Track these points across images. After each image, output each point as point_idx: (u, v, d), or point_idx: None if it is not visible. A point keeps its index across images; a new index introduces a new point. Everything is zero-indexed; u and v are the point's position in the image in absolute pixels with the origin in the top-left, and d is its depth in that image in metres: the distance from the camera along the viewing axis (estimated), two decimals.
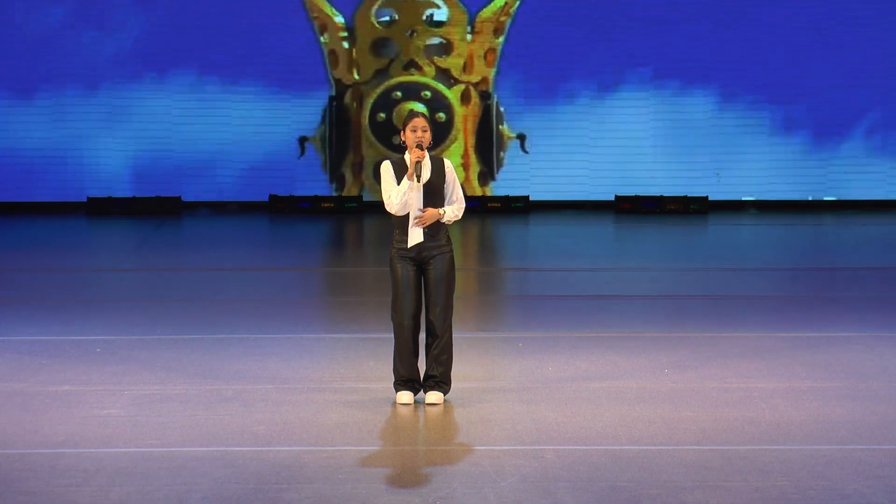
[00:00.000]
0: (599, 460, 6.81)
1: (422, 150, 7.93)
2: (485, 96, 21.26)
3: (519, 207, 22.81)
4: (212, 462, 6.80)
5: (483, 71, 21.18)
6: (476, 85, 21.17)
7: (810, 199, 23.97)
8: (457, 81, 21.04)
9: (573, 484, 6.40)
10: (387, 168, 8.07)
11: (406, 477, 6.66)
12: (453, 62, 20.96)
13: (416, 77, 20.91)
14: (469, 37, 21.02)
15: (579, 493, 6.24)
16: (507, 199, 22.91)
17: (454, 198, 8.12)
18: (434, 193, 8.03)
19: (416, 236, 8.01)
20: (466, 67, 21.01)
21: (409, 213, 8.01)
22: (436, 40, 20.99)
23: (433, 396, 8.10)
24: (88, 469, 6.63)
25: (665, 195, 23.30)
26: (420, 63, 20.88)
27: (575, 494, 6.23)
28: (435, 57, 20.90)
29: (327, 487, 6.34)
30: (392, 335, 8.11)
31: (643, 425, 7.56)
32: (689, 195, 23.38)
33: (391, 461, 7.03)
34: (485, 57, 21.12)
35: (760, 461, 6.79)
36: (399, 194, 7.95)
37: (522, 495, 6.22)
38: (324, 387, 8.59)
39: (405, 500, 6.23)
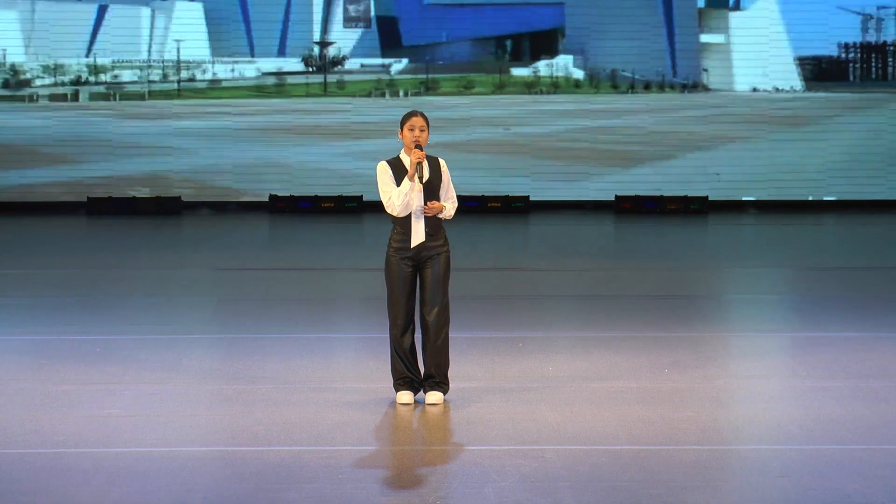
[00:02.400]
0: (600, 460, 6.81)
1: (421, 149, 7.93)
2: None
3: (519, 207, 22.84)
4: (212, 462, 6.80)
5: None
6: None
7: (810, 198, 23.98)
8: None
9: (573, 484, 6.40)
10: (384, 168, 8.06)
11: (406, 477, 6.66)
12: None
13: None
14: None
15: (580, 493, 6.25)
16: (507, 199, 22.93)
17: (448, 196, 8.14)
18: (432, 193, 8.03)
19: (418, 236, 8.01)
20: None
21: (410, 214, 8.01)
22: None
23: (433, 396, 8.10)
24: (88, 469, 6.63)
25: (665, 195, 23.32)
26: None
27: (575, 494, 6.23)
28: None
29: (327, 487, 6.34)
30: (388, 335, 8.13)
31: (643, 425, 7.56)
32: (688, 195, 23.41)
33: (391, 461, 7.03)
34: None
35: (760, 461, 6.79)
36: (400, 195, 7.95)
37: (523, 495, 6.22)
38: (324, 387, 8.59)
39: (405, 499, 6.23)
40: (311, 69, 21.99)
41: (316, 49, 21.83)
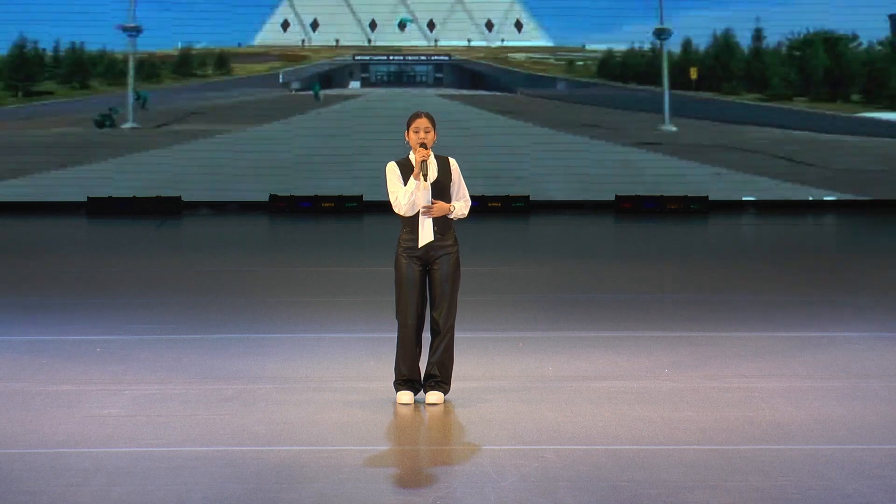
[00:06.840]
0: (599, 460, 6.81)
1: (426, 149, 7.93)
2: None
3: (519, 207, 22.86)
4: (212, 462, 6.80)
5: None
6: None
7: (810, 198, 23.99)
8: None
9: (573, 484, 6.40)
10: (392, 169, 8.07)
11: (406, 477, 6.66)
12: None
13: None
14: None
15: (580, 493, 6.24)
16: (507, 199, 22.95)
17: (460, 195, 8.13)
18: (441, 192, 8.03)
19: (426, 235, 8.01)
20: None
21: (418, 213, 8.01)
22: None
23: (433, 396, 8.10)
24: (88, 469, 6.63)
25: (665, 195, 23.32)
26: None
27: (575, 494, 6.23)
28: None
29: (328, 487, 6.34)
30: (396, 334, 8.12)
31: (643, 425, 7.56)
32: (689, 195, 23.41)
33: (391, 461, 7.03)
34: None
35: (760, 461, 6.79)
36: (406, 194, 7.95)
37: (523, 495, 6.22)
38: (324, 387, 8.59)
39: (406, 499, 6.23)
40: None
41: None
